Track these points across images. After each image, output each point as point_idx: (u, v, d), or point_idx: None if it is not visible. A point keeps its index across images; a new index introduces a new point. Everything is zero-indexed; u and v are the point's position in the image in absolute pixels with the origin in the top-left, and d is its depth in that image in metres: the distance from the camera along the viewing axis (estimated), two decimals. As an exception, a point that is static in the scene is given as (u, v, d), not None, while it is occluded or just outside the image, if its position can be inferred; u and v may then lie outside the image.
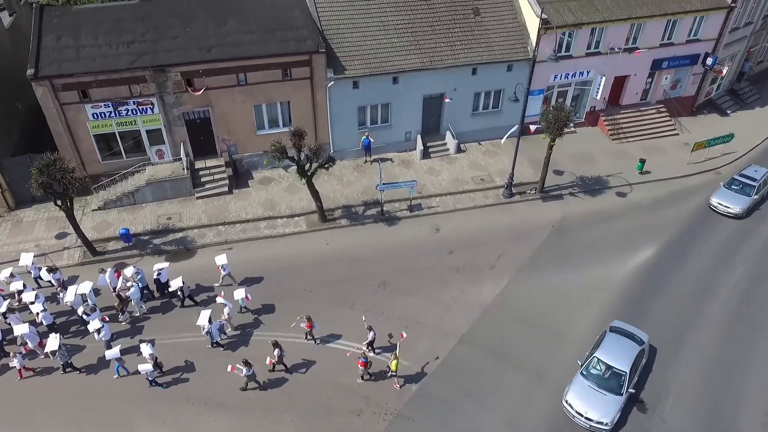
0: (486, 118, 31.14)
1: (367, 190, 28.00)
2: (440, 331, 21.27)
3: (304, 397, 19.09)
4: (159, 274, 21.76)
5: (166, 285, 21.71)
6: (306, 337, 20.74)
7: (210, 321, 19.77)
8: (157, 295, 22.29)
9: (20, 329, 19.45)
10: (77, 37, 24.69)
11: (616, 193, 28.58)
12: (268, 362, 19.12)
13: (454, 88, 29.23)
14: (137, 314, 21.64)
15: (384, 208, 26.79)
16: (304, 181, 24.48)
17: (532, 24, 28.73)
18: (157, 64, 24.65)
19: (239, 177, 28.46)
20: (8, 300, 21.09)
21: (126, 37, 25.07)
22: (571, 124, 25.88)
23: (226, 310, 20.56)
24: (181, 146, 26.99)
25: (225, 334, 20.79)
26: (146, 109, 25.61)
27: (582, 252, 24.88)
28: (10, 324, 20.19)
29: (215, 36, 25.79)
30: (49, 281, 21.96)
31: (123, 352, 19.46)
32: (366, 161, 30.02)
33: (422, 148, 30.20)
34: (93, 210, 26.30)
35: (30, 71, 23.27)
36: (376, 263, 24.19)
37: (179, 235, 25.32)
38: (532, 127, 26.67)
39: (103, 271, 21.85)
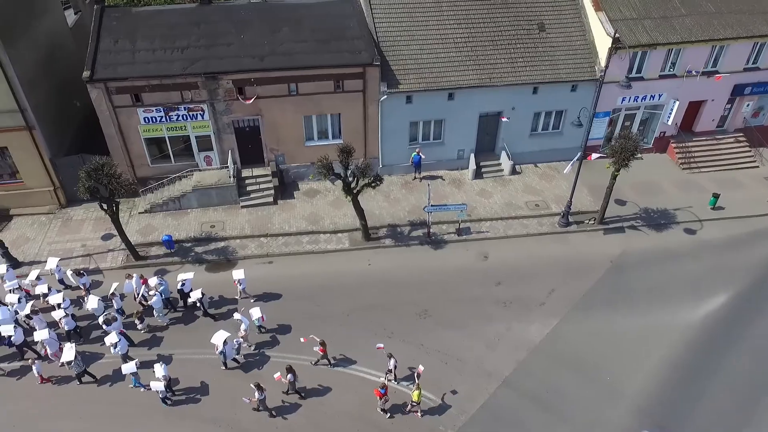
0: (545, 140, 29.45)
1: (414, 210, 26.90)
2: (482, 371, 19.92)
3: (320, 427, 18.23)
4: (183, 285, 21.41)
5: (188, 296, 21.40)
6: (317, 362, 19.87)
7: (225, 343, 19.14)
8: (180, 305, 21.93)
9: (41, 335, 19.38)
10: (134, 41, 24.72)
11: (684, 229, 26.32)
12: (276, 377, 18.32)
13: (513, 107, 27.70)
14: (161, 322, 21.35)
15: (431, 230, 25.62)
16: (349, 198, 23.63)
17: (602, 43, 26.82)
18: (209, 71, 24.37)
19: (285, 187, 27.93)
20: (32, 301, 20.98)
21: (181, 42, 24.92)
22: (639, 154, 23.88)
23: (242, 327, 20.01)
24: (229, 154, 26.68)
25: (239, 353, 20.05)
26: (196, 115, 25.41)
27: (642, 294, 22.91)
28: (33, 327, 20.19)
29: (269, 44, 25.30)
30: (76, 285, 21.94)
31: (139, 365, 19.01)
32: (415, 178, 28.91)
33: (475, 167, 28.83)
34: (140, 213, 26.35)
35: (86, 73, 23.42)
36: (419, 289, 23.06)
37: (221, 244, 24.98)
38: (594, 155, 24.83)
39: (129, 276, 21.74)
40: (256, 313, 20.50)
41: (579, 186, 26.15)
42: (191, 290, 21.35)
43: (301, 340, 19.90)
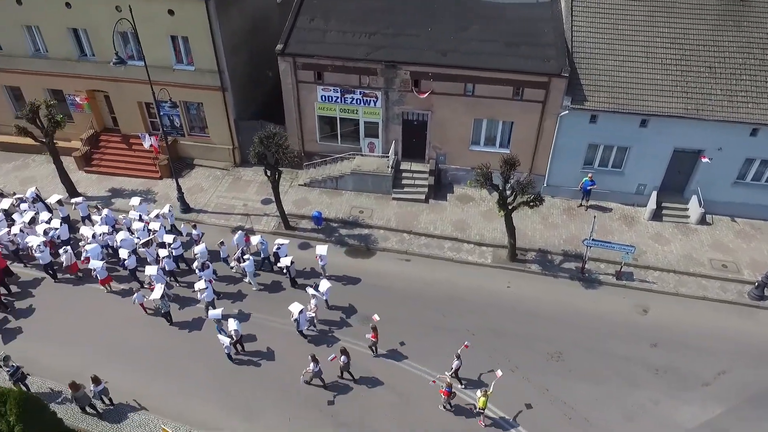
0: (754, 192, 24.66)
1: (571, 239, 24.31)
2: (611, 442, 17.23)
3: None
4: (279, 248, 22.05)
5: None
6: (370, 348, 19.70)
7: (300, 312, 19.55)
8: (276, 267, 22.42)
9: (150, 270, 21.15)
10: (327, 21, 25.58)
11: None
12: (331, 359, 18.32)
13: (719, 148, 23.52)
14: (251, 285, 22.21)
15: (586, 266, 22.91)
16: (502, 213, 22.00)
17: None
18: (390, 60, 24.30)
19: (440, 188, 27.09)
20: (151, 234, 22.77)
21: (369, 28, 25.19)
22: None
23: (312, 302, 20.11)
24: (393, 144, 26.54)
25: (314, 326, 20.41)
26: (370, 101, 25.60)
27: None
28: (145, 257, 22.30)
29: (454, 40, 24.47)
30: (188, 234, 23.45)
31: (222, 316, 19.82)
32: (581, 205, 26.14)
33: (655, 207, 25.15)
34: (299, 185, 27.49)
35: (279, 46, 24.81)
36: (558, 327, 20.73)
37: (365, 231, 25.01)
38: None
39: (235, 231, 23.03)
40: (323, 286, 20.57)
41: (787, 256, 21.40)
42: (286, 255, 21.97)
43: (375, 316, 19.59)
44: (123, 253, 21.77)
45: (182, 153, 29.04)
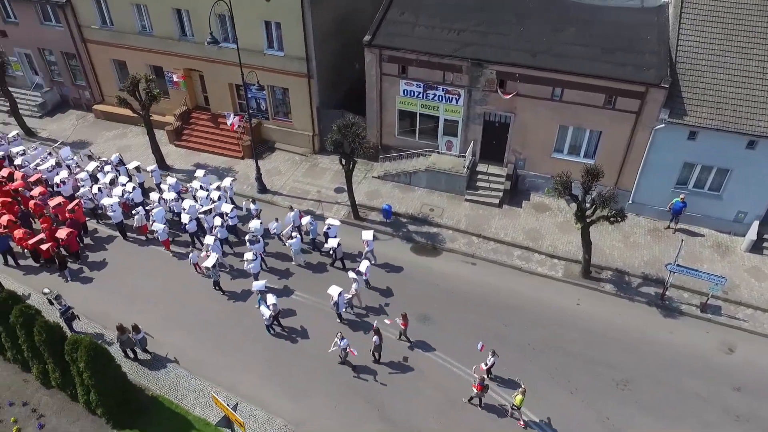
0: None
1: (653, 262, 22.60)
2: (674, 485, 15.79)
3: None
4: (329, 229, 22.42)
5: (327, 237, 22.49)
6: (400, 336, 19.78)
7: (339, 294, 19.78)
8: (323, 249, 22.83)
9: (208, 239, 22.15)
10: (417, 15, 25.32)
11: None
12: (388, 321, 19.14)
13: (839, 179, 21.00)
14: (296, 263, 22.79)
15: (667, 293, 21.20)
16: (579, 226, 20.81)
17: None
18: (476, 57, 23.68)
19: (515, 194, 26.11)
20: (211, 204, 23.94)
21: (459, 25, 24.68)
22: None
23: (354, 286, 20.27)
24: (471, 144, 25.88)
25: (352, 308, 20.71)
26: (452, 98, 25.10)
27: None
28: (205, 223, 23.51)
29: (547, 42, 23.43)
30: (247, 209, 24.17)
31: (267, 288, 20.57)
32: (668, 227, 24.24)
33: (755, 238, 22.85)
34: (373, 177, 27.50)
35: (367, 38, 24.86)
36: (628, 354, 19.32)
37: (433, 230, 24.56)
38: None
39: (292, 209, 23.49)
40: (363, 266, 20.87)
41: None
42: (335, 237, 22.29)
43: (386, 321, 19.82)
44: (185, 218, 23.13)
45: (265, 136, 29.92)
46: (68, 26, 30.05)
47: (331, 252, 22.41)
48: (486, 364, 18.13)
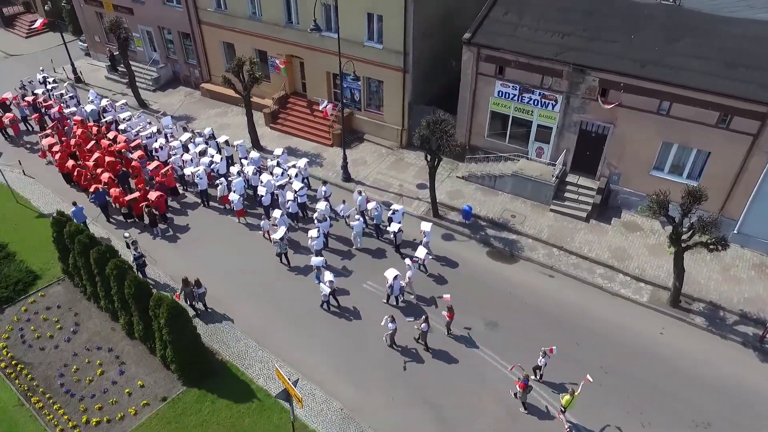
0: None
1: (756, 300, 20.63)
2: None
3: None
4: (393, 214, 22.91)
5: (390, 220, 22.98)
6: (447, 329, 19.72)
7: (395, 278, 19.95)
8: (386, 234, 23.23)
9: (276, 213, 23.29)
10: (521, 16, 24.66)
11: None
12: (446, 297, 19.28)
13: None
14: (356, 245, 23.30)
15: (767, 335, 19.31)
16: (672, 250, 19.40)
17: None
18: (579, 63, 22.69)
19: (605, 209, 24.80)
20: (288, 180, 25.23)
21: (564, 28, 23.76)
22: None
23: (408, 274, 20.56)
24: (563, 153, 24.87)
25: (402, 295, 20.78)
26: (548, 104, 24.24)
27: None
28: (280, 197, 24.84)
29: (659, 52, 22.00)
30: (323, 191, 24.66)
31: (325, 264, 21.39)
32: (777, 265, 22.07)
33: None
34: (457, 176, 27.16)
35: (467, 35, 24.55)
36: (712, 394, 17.76)
37: (512, 236, 23.87)
38: None
39: (360, 193, 24.11)
40: (420, 252, 21.21)
41: None
42: (399, 222, 22.72)
43: (446, 296, 19.54)
44: (261, 191, 24.49)
45: (355, 126, 30.44)
46: (187, 7, 32.15)
47: (392, 236, 22.74)
48: (538, 365, 17.96)
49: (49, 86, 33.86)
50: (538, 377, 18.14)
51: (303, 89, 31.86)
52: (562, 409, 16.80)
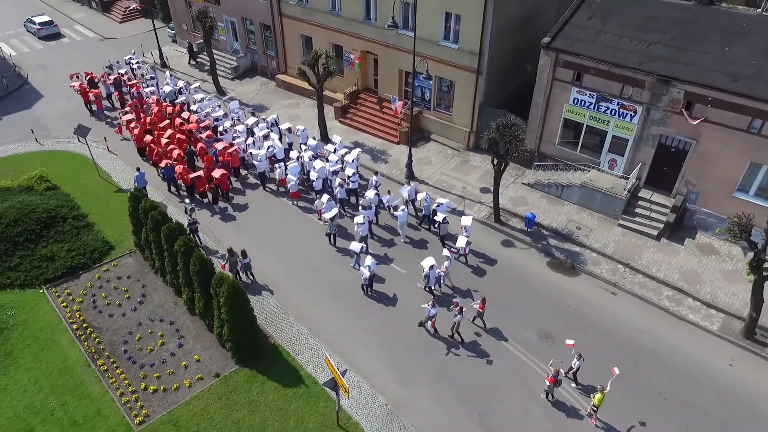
0: None
1: (842, 341, 18.96)
2: None
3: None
4: (438, 206, 23.11)
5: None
6: (473, 320, 19.83)
7: (431, 267, 20.37)
8: (434, 225, 23.59)
9: (325, 198, 23.97)
10: (605, 22, 23.77)
11: None
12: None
13: None
14: (401, 236, 23.70)
15: None
16: (751, 278, 18.12)
17: None
18: (665, 74, 21.58)
19: (679, 229, 23.50)
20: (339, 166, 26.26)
21: (651, 36, 22.69)
22: None
23: (446, 264, 20.82)
24: (638, 167, 23.76)
25: (439, 285, 21.22)
26: (626, 114, 23.22)
27: None
28: (330, 182, 26.23)
29: (756, 66, 20.60)
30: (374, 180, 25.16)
31: (364, 250, 22.25)
32: None
33: None
34: (522, 183, 26.54)
35: (546, 39, 23.91)
36: (783, 437, 16.49)
37: (576, 248, 23.07)
38: None
39: (409, 183, 25.06)
40: (460, 242, 21.73)
41: None
42: (441, 214, 22.96)
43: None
44: (313, 175, 25.87)
45: (423, 125, 30.35)
46: (270, 0, 33.13)
47: (437, 225, 23.12)
48: (571, 367, 17.80)
49: (133, 66, 36.19)
50: (573, 382, 18.03)
51: (374, 86, 32.11)
52: (595, 408, 16.61)
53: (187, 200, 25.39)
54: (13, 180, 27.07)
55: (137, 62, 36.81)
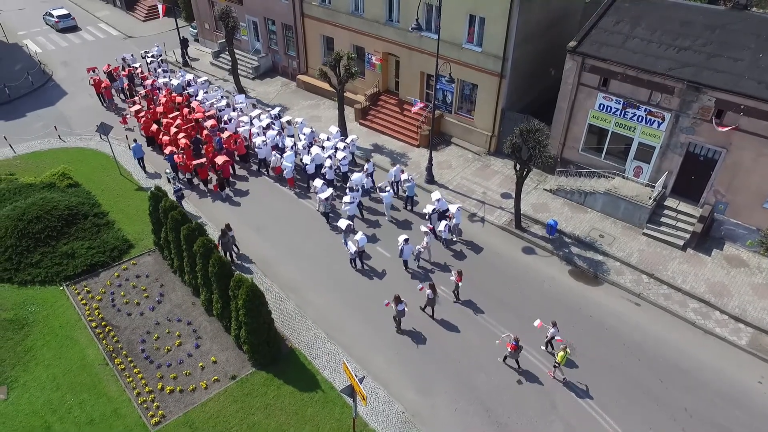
0: None
1: None
2: None
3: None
4: (438, 201, 23.63)
5: (445, 212, 23.60)
6: (454, 292, 20.72)
7: (406, 242, 21.32)
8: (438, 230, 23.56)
9: (318, 182, 25.14)
10: (634, 27, 23.27)
11: None
12: (420, 288, 19.95)
13: None
14: (386, 216, 24.92)
15: None
16: (783, 292, 17.56)
17: None
18: (695, 81, 21.04)
19: (706, 240, 22.91)
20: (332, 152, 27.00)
21: (682, 42, 22.16)
22: None
23: (425, 239, 21.76)
24: (664, 175, 23.21)
25: (418, 261, 22.18)
26: (654, 121, 22.71)
27: None
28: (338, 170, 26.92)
29: (790, 73, 20.00)
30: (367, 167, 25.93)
31: (351, 228, 23.11)
32: None
33: None
34: (544, 189, 26.11)
35: (572, 43, 23.48)
36: (814, 460, 15.92)
37: (599, 257, 22.60)
38: None
39: (393, 165, 25.88)
40: (440, 225, 22.70)
41: None
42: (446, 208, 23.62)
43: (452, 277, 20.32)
44: (306, 159, 26.74)
45: (444, 129, 30.05)
46: (293, 0, 33.08)
47: (427, 217, 23.93)
48: (546, 336, 18.63)
49: (147, 59, 37.15)
50: (546, 348, 18.92)
51: (395, 88, 31.88)
52: (556, 364, 17.64)
53: (167, 170, 26.86)
54: (36, 176, 27.36)
55: (152, 56, 37.56)
